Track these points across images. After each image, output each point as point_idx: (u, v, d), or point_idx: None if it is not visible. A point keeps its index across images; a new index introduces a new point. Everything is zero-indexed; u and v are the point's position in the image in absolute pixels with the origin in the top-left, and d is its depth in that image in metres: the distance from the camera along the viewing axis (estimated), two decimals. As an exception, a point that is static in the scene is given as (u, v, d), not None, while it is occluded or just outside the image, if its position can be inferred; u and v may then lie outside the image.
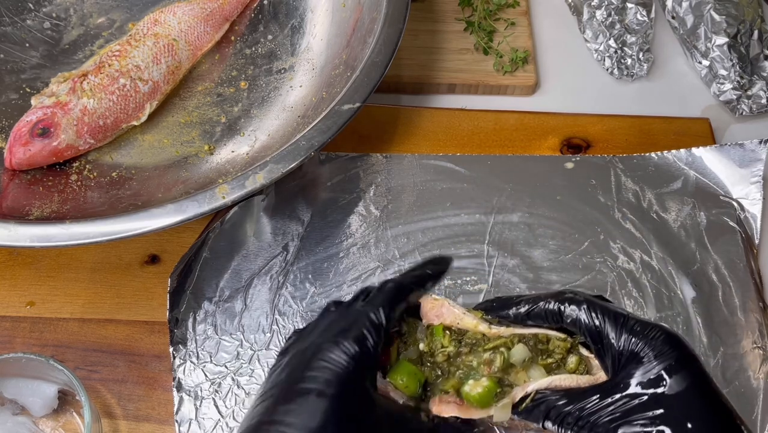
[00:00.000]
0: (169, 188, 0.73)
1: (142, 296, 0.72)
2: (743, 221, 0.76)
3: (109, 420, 0.66)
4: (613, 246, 0.74)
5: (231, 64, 0.84)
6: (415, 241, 0.74)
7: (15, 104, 0.79)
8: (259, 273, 0.72)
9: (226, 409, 0.65)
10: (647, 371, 0.49)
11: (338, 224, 0.75)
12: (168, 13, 0.82)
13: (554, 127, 0.83)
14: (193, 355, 0.67)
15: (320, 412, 0.45)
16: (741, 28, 0.85)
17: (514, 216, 0.76)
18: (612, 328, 0.51)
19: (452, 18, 0.91)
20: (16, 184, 0.72)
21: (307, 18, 0.86)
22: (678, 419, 0.47)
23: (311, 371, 0.48)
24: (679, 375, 0.49)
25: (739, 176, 0.77)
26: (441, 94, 0.87)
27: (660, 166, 0.79)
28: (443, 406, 0.53)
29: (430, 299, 0.56)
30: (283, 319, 0.70)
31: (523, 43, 0.89)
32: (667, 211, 0.77)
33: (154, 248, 0.74)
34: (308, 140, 0.67)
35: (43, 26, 0.85)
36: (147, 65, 0.77)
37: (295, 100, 0.80)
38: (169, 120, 0.79)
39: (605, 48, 0.88)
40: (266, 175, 0.65)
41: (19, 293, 0.72)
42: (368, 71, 0.72)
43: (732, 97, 0.84)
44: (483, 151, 0.81)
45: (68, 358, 0.68)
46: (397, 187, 0.78)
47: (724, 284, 0.72)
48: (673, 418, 0.47)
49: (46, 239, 0.62)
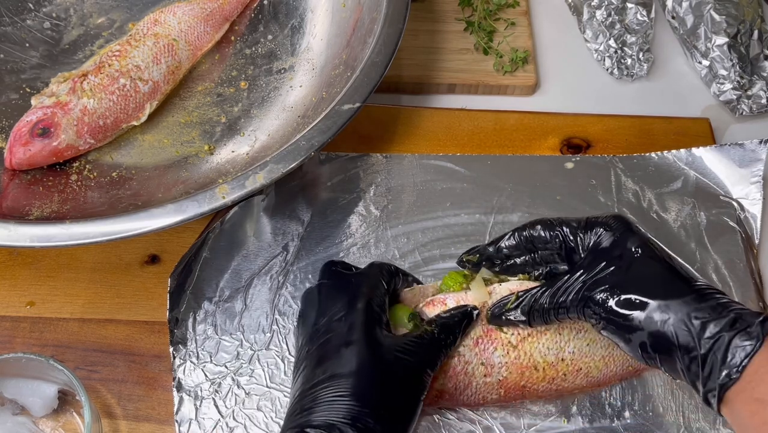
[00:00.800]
0: (169, 188, 0.73)
1: (142, 296, 0.72)
2: (743, 221, 0.76)
3: (109, 420, 0.66)
4: (613, 246, 0.74)
5: (231, 64, 0.84)
6: (415, 241, 0.74)
7: (15, 104, 0.79)
8: (259, 273, 0.72)
9: (226, 409, 0.65)
10: (600, 245, 0.57)
11: (338, 224, 0.75)
12: (168, 13, 0.82)
13: (554, 127, 0.83)
14: (193, 355, 0.67)
15: (354, 355, 0.54)
16: (741, 28, 0.85)
17: (514, 216, 0.76)
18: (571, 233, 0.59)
19: (452, 18, 0.91)
20: (16, 184, 0.72)
21: (307, 18, 0.86)
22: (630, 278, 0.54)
23: (332, 331, 0.57)
24: (627, 243, 0.56)
25: (739, 176, 0.77)
26: (441, 94, 0.87)
27: (660, 166, 0.79)
28: (432, 307, 0.63)
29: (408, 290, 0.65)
30: (283, 319, 0.70)
31: (523, 43, 0.89)
32: (667, 211, 0.77)
33: (154, 248, 0.74)
34: (308, 140, 0.67)
35: (43, 26, 0.85)
36: (147, 65, 0.77)
37: (295, 100, 0.80)
38: (169, 120, 0.79)
39: (605, 48, 0.88)
40: (266, 175, 0.65)
41: (19, 293, 0.72)
42: (368, 71, 0.72)
43: (732, 97, 0.84)
44: (483, 151, 0.81)
45: (68, 358, 0.68)
46: (397, 187, 0.78)
47: (724, 284, 0.72)
48: (626, 280, 0.54)
49: (46, 239, 0.62)
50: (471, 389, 0.62)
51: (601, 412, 0.66)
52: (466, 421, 0.65)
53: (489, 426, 0.65)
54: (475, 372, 0.61)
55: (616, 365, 0.64)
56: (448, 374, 0.61)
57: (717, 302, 0.52)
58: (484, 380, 0.62)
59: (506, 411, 0.65)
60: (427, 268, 0.73)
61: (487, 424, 0.65)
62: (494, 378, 0.62)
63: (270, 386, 0.66)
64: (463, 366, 0.61)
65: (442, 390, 0.61)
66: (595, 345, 0.63)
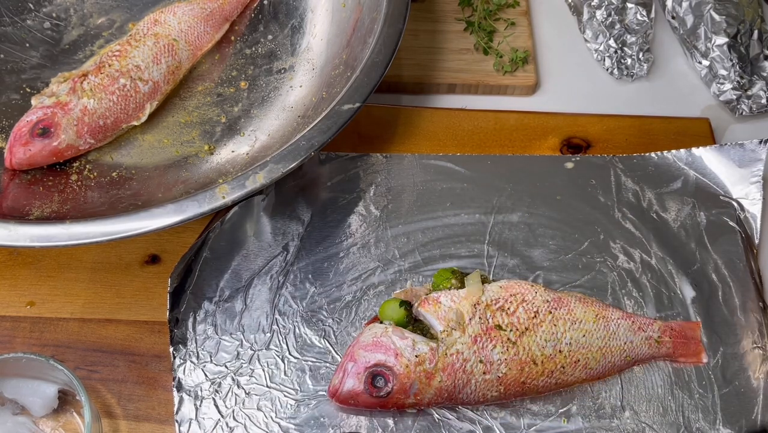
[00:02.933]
0: (169, 188, 0.73)
1: (142, 296, 0.72)
2: (743, 221, 0.76)
3: (109, 420, 0.66)
4: (613, 246, 0.74)
5: (231, 64, 0.84)
6: (415, 241, 0.74)
7: (15, 104, 0.79)
8: (259, 273, 0.72)
9: (226, 409, 0.65)
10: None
11: (338, 224, 0.75)
12: (168, 13, 0.82)
13: (554, 127, 0.83)
14: (193, 355, 0.67)
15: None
16: (741, 28, 0.85)
17: (514, 216, 0.76)
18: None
19: (452, 18, 0.91)
20: (16, 184, 0.72)
21: (307, 18, 0.86)
22: None
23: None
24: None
25: (739, 176, 0.77)
26: (441, 94, 0.87)
27: (660, 166, 0.79)
28: (426, 305, 0.64)
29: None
30: (283, 319, 0.70)
31: (523, 43, 0.89)
32: (667, 211, 0.77)
33: (154, 248, 0.74)
34: (308, 140, 0.67)
35: (44, 26, 0.85)
36: (147, 65, 0.77)
37: (295, 100, 0.80)
38: (169, 120, 0.80)
39: (605, 48, 0.88)
40: (266, 175, 0.65)
41: (19, 293, 0.72)
42: (368, 71, 0.72)
43: (732, 97, 0.84)
44: (483, 151, 0.81)
45: (68, 358, 0.68)
46: (397, 187, 0.78)
47: (724, 284, 0.72)
48: None
49: (46, 239, 0.62)
50: (470, 387, 0.62)
51: (601, 412, 0.66)
52: (466, 421, 0.65)
53: (489, 426, 0.65)
54: (474, 370, 0.62)
55: (613, 355, 0.65)
56: (447, 372, 0.61)
57: None
58: (484, 378, 0.62)
59: (506, 411, 0.66)
60: (427, 268, 0.73)
61: (487, 424, 0.65)
62: (493, 375, 0.62)
63: (270, 386, 0.66)
64: (462, 364, 0.62)
65: (441, 388, 0.62)
66: (591, 336, 0.63)
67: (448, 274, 0.67)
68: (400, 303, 0.65)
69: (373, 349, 0.62)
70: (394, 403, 0.63)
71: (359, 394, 0.62)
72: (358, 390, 0.62)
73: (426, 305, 0.64)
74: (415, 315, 0.65)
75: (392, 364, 0.61)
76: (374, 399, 0.62)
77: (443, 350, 0.62)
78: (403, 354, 0.62)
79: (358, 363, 0.62)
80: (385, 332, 0.63)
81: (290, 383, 0.67)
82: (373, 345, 0.62)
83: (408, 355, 0.62)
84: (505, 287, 0.65)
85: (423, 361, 0.62)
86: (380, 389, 0.62)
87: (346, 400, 0.63)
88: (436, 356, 0.62)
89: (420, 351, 0.62)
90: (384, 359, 0.62)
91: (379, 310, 0.66)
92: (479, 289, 0.64)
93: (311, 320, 0.70)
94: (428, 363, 0.62)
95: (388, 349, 0.62)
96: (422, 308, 0.64)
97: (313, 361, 0.68)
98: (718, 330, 0.70)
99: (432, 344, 0.62)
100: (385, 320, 0.65)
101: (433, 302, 0.64)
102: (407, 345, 0.62)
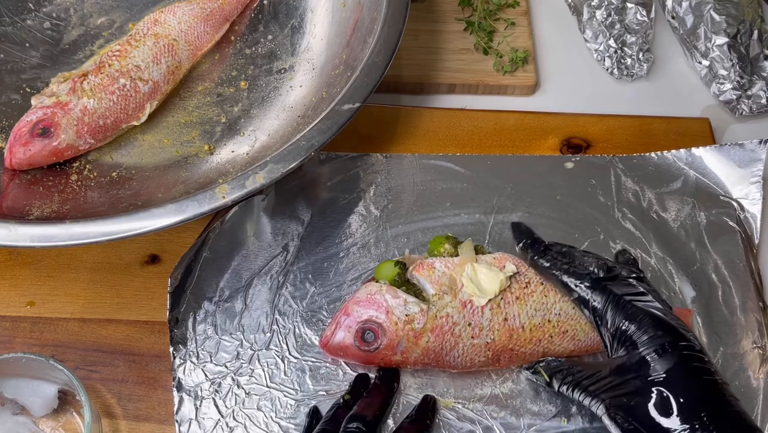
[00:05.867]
0: (169, 188, 0.73)
1: (142, 296, 0.72)
2: (743, 221, 0.76)
3: (109, 420, 0.66)
4: (613, 246, 0.74)
5: (231, 64, 0.84)
6: (415, 241, 0.74)
7: (15, 104, 0.79)
8: (259, 273, 0.72)
9: (226, 409, 0.65)
10: (636, 354, 0.57)
11: (338, 224, 0.75)
12: (168, 13, 0.82)
13: (554, 127, 0.83)
14: (193, 355, 0.67)
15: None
16: (741, 28, 0.85)
17: (514, 216, 0.76)
18: (611, 312, 0.60)
19: (452, 18, 0.91)
20: (16, 184, 0.72)
21: (307, 18, 0.86)
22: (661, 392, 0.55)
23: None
24: (663, 359, 0.56)
25: (739, 176, 0.77)
26: (441, 94, 0.87)
27: (660, 166, 0.79)
28: (420, 269, 0.65)
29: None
30: (283, 319, 0.70)
31: (523, 43, 0.89)
32: (667, 211, 0.77)
33: (154, 248, 0.74)
34: (308, 140, 0.67)
35: (44, 26, 0.85)
36: (147, 65, 0.77)
37: (295, 100, 0.80)
38: (169, 120, 0.80)
39: (605, 48, 0.88)
40: (266, 175, 0.65)
41: (19, 292, 0.72)
42: (368, 71, 0.72)
43: (732, 97, 0.84)
44: (483, 151, 0.81)
45: (68, 358, 0.68)
46: (397, 187, 0.78)
47: (724, 284, 0.72)
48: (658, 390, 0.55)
49: (46, 239, 0.62)
50: (458, 350, 0.64)
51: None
52: (466, 421, 0.65)
53: (489, 426, 0.65)
54: (462, 333, 0.63)
55: None
56: (435, 334, 0.63)
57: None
58: (472, 342, 0.63)
59: (506, 411, 0.66)
60: (427, 268, 0.73)
61: (487, 424, 0.65)
62: (482, 340, 0.64)
63: (270, 386, 0.67)
64: (451, 326, 0.63)
65: (428, 348, 0.63)
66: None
67: (442, 239, 0.69)
68: (396, 263, 0.66)
69: (366, 305, 0.64)
70: (381, 358, 0.64)
71: (348, 346, 0.64)
72: (348, 343, 0.64)
73: (420, 269, 0.66)
74: (410, 278, 0.66)
75: (382, 321, 0.63)
76: (362, 352, 0.64)
77: (434, 312, 0.63)
78: (393, 312, 0.63)
79: (351, 317, 0.64)
80: (380, 290, 0.65)
81: (290, 383, 0.67)
82: (366, 301, 0.64)
83: (398, 313, 0.63)
84: (498, 259, 0.67)
85: (412, 320, 0.63)
86: (369, 344, 0.64)
87: (335, 351, 0.65)
88: (426, 317, 0.63)
89: (410, 311, 0.63)
90: (375, 315, 0.64)
91: (376, 270, 0.67)
92: (472, 257, 0.66)
93: (311, 320, 0.70)
94: (417, 323, 0.63)
95: (380, 306, 0.64)
96: (417, 272, 0.66)
97: (313, 361, 0.68)
98: (718, 330, 0.70)
99: (423, 305, 0.64)
100: (380, 280, 0.66)
101: (427, 266, 0.66)
102: (399, 304, 0.64)
